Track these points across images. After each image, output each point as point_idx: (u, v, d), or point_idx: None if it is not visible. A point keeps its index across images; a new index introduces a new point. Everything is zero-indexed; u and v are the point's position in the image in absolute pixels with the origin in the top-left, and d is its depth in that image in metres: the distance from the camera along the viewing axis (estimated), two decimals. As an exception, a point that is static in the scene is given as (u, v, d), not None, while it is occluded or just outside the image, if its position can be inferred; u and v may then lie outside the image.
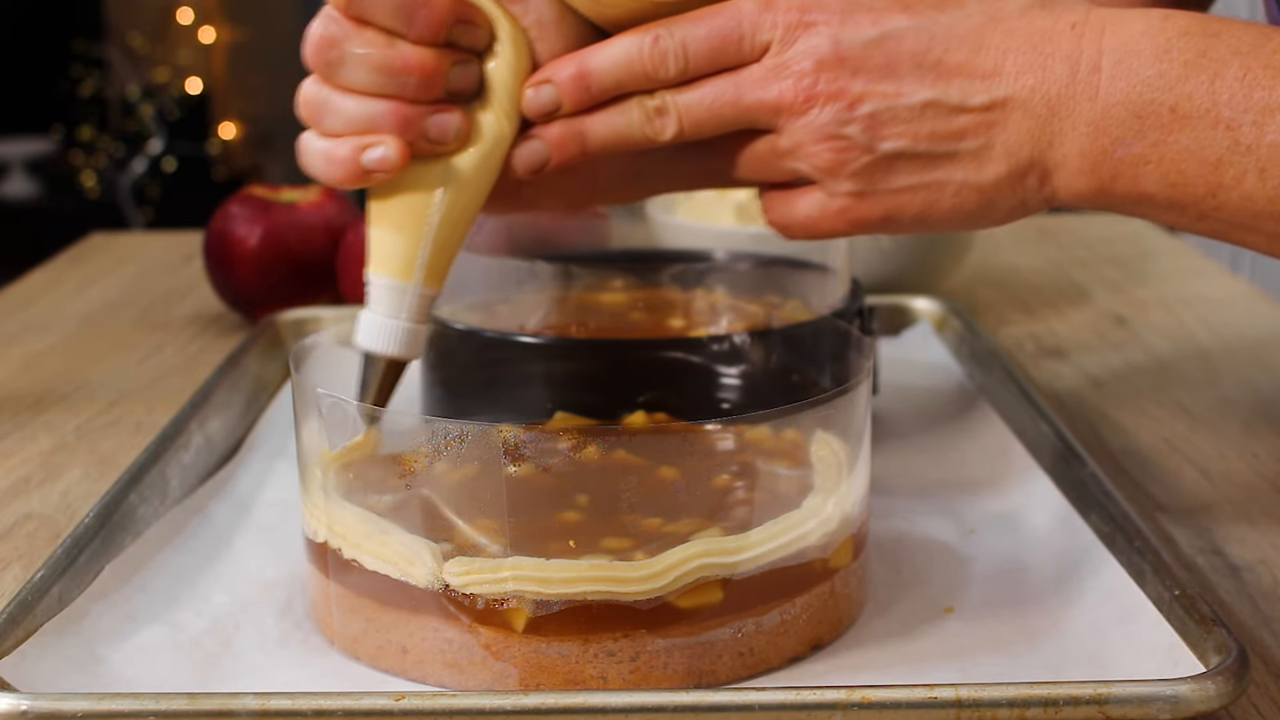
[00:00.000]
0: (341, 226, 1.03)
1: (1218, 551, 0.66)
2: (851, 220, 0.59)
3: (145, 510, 0.67)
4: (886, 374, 0.85)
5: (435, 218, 0.58)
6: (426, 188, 0.58)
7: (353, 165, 0.57)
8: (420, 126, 0.57)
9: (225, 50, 3.57)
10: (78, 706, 0.49)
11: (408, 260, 0.58)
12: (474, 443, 0.55)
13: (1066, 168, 0.56)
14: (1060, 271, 1.18)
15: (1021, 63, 0.56)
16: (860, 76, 0.56)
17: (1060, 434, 0.72)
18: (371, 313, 0.59)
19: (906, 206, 0.58)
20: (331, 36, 0.56)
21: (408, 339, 0.59)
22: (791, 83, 0.56)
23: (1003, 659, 0.56)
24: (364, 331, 0.59)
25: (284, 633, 0.59)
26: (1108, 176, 0.56)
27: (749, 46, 0.57)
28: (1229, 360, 0.94)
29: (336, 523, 0.57)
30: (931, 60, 0.56)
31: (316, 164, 0.58)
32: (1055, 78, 0.56)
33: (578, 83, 0.58)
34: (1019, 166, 0.57)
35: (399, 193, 0.58)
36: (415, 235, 0.58)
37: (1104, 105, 0.55)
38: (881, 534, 0.66)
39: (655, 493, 0.55)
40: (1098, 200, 0.57)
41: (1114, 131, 0.55)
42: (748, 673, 0.55)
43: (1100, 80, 0.55)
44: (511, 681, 0.54)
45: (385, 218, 0.58)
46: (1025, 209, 0.58)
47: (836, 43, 0.56)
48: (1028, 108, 0.56)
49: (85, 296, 1.14)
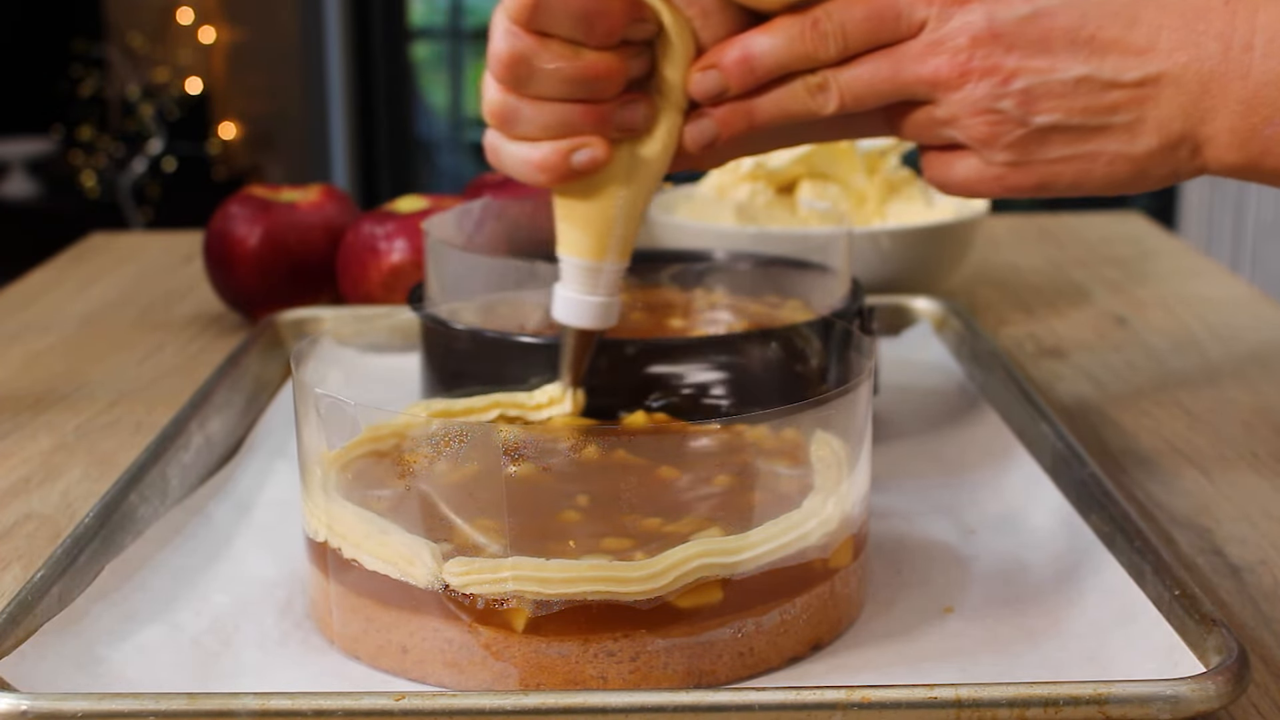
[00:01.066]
0: (341, 226, 1.03)
1: (1218, 551, 0.66)
2: (1007, 187, 0.61)
3: (145, 510, 0.67)
4: (886, 374, 0.85)
5: (623, 201, 0.62)
6: (614, 175, 0.61)
7: (562, 168, 0.60)
8: (612, 121, 0.60)
9: (225, 50, 3.57)
10: (78, 706, 0.49)
11: (600, 243, 0.62)
12: (474, 443, 0.55)
13: (1217, 143, 0.58)
14: (1060, 271, 1.18)
15: (1175, 39, 0.57)
16: (1014, 52, 0.58)
17: (1060, 434, 0.72)
18: (568, 290, 0.63)
19: (1060, 175, 0.60)
20: (518, 53, 0.58)
21: (603, 312, 0.64)
22: (947, 59, 0.58)
23: (1003, 659, 0.56)
24: (563, 307, 0.64)
25: (284, 632, 0.59)
26: (1257, 152, 0.58)
27: (905, 24, 0.59)
28: (1229, 360, 0.94)
29: (336, 522, 0.57)
30: (1085, 36, 0.58)
31: (518, 168, 0.60)
32: (1208, 55, 0.57)
33: (742, 66, 0.60)
34: (1170, 140, 0.59)
35: (588, 181, 0.61)
36: (606, 219, 0.62)
37: (1255, 83, 0.57)
38: (881, 534, 0.66)
39: (655, 493, 0.55)
40: (1246, 173, 0.59)
41: (1264, 110, 0.57)
42: (748, 673, 0.55)
43: (1252, 59, 0.57)
44: (511, 681, 0.54)
45: (576, 205, 0.62)
46: (1177, 177, 0.60)
47: (991, 19, 0.58)
48: (1180, 84, 0.58)
49: (85, 296, 1.14)
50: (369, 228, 0.99)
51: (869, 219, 1.09)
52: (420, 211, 0.99)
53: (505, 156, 0.61)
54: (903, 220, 1.08)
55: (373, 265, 0.97)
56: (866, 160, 1.09)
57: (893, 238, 1.02)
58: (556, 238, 0.63)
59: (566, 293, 0.63)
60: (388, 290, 0.97)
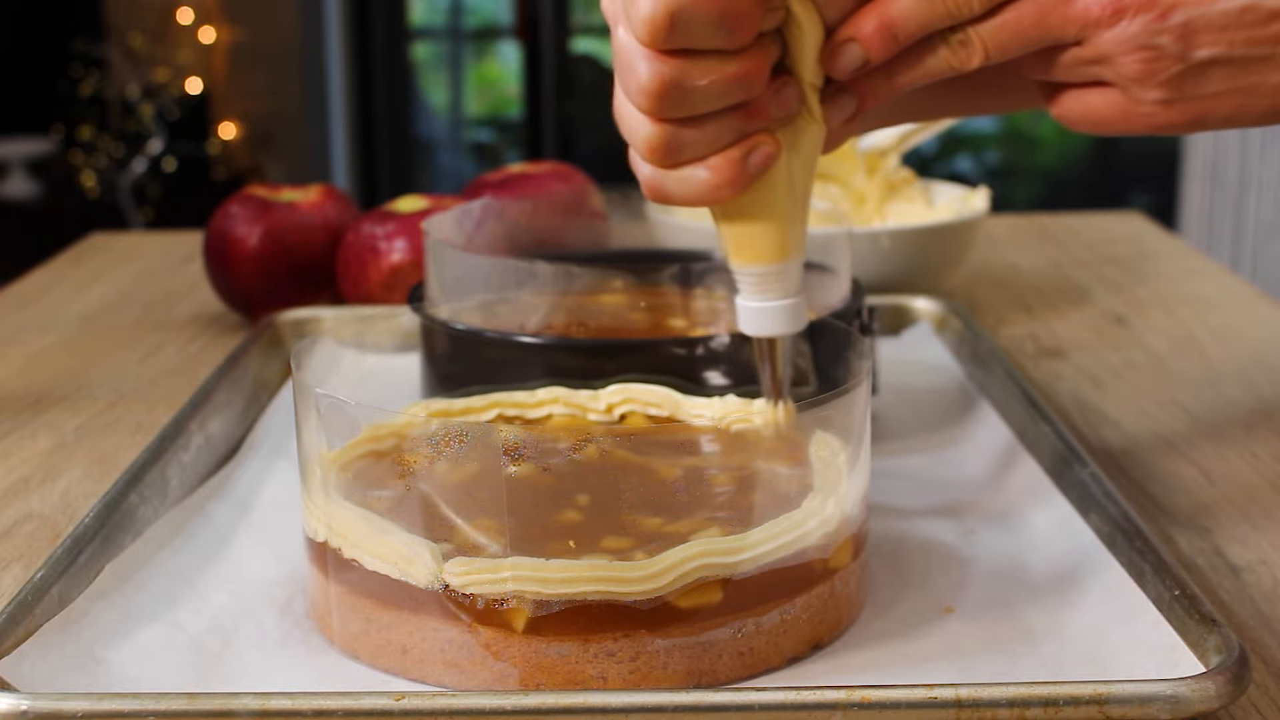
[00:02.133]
0: (341, 226, 1.03)
1: (1218, 551, 0.66)
2: (1156, 125, 0.58)
3: (145, 510, 0.67)
4: (886, 374, 0.85)
5: (789, 194, 0.58)
6: (779, 168, 0.57)
7: (742, 177, 0.56)
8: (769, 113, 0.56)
9: (225, 50, 3.57)
10: (78, 706, 0.49)
11: (780, 242, 0.59)
12: (474, 443, 0.55)
13: None
14: (1060, 271, 1.18)
15: None
16: None
17: (1060, 434, 0.72)
18: (758, 300, 0.59)
19: (1216, 110, 0.58)
20: (668, 79, 0.53)
21: (798, 313, 0.60)
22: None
23: (1003, 659, 0.56)
24: (756, 320, 0.59)
25: (284, 632, 0.59)
26: None
27: None
28: (1229, 360, 0.94)
29: (336, 522, 0.57)
30: None
31: (696, 193, 0.56)
32: None
33: (883, 34, 0.57)
34: None
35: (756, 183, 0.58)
36: (779, 217, 0.58)
37: None
38: (881, 534, 0.66)
39: (655, 493, 0.55)
40: None
41: None
42: (748, 673, 0.55)
43: None
44: (511, 681, 0.54)
45: (748, 211, 0.58)
46: None
47: None
48: None
49: (85, 296, 1.14)
50: (369, 228, 0.99)
51: (869, 219, 1.09)
52: (420, 211, 0.99)
53: (674, 186, 0.56)
54: (903, 220, 1.08)
55: (373, 265, 0.97)
56: (866, 160, 1.09)
57: (893, 238, 1.02)
58: (729, 252, 0.59)
59: (757, 304, 0.59)
60: (388, 290, 0.97)
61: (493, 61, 4.21)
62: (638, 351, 0.69)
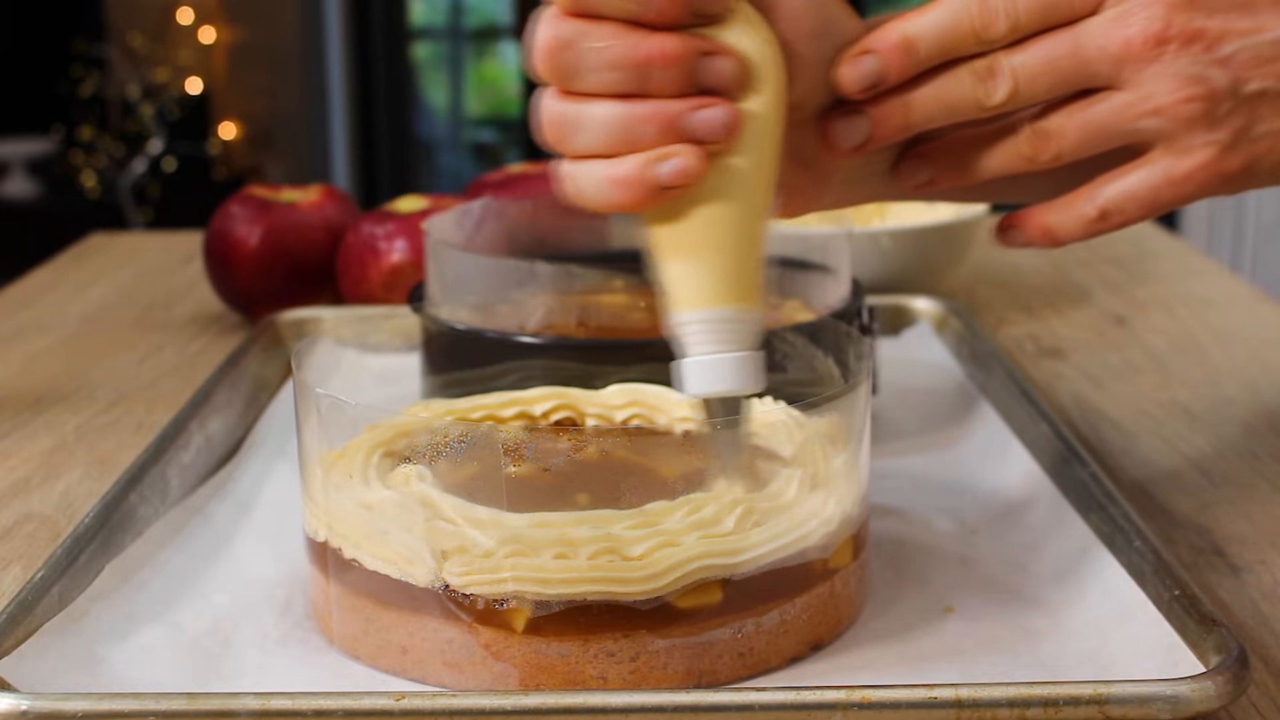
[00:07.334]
0: (341, 226, 1.03)
1: (1218, 551, 0.66)
2: (1202, 182, 0.54)
3: (145, 510, 0.67)
4: (886, 374, 0.85)
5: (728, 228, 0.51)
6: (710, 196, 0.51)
7: (647, 182, 0.50)
8: (684, 125, 0.50)
9: (225, 50, 3.57)
10: (78, 706, 0.49)
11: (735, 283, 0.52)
12: (474, 443, 0.55)
13: None
14: (1060, 271, 1.18)
15: None
16: (1217, 15, 0.52)
17: (1060, 434, 0.72)
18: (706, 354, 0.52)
19: (1267, 155, 0.54)
20: (562, 38, 0.50)
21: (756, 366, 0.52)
22: (1140, 27, 0.52)
23: (1003, 659, 0.56)
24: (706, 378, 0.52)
25: (284, 633, 0.59)
26: None
27: None
28: (1229, 360, 0.94)
29: (336, 522, 0.57)
30: None
31: (596, 189, 0.51)
32: None
33: (902, 50, 0.53)
34: None
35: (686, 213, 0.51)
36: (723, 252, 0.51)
37: None
38: (881, 534, 0.66)
39: (655, 493, 0.55)
40: None
41: None
42: (748, 673, 0.55)
43: None
44: (511, 681, 0.54)
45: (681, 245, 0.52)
46: None
47: None
48: None
49: (85, 296, 1.14)
50: (369, 228, 0.99)
51: (869, 219, 1.09)
52: (420, 211, 0.99)
53: (581, 180, 0.51)
54: (903, 220, 1.08)
55: (373, 265, 0.97)
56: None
57: (893, 238, 1.02)
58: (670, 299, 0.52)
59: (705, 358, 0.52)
60: (388, 290, 0.97)
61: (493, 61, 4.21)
62: (638, 351, 0.69)
